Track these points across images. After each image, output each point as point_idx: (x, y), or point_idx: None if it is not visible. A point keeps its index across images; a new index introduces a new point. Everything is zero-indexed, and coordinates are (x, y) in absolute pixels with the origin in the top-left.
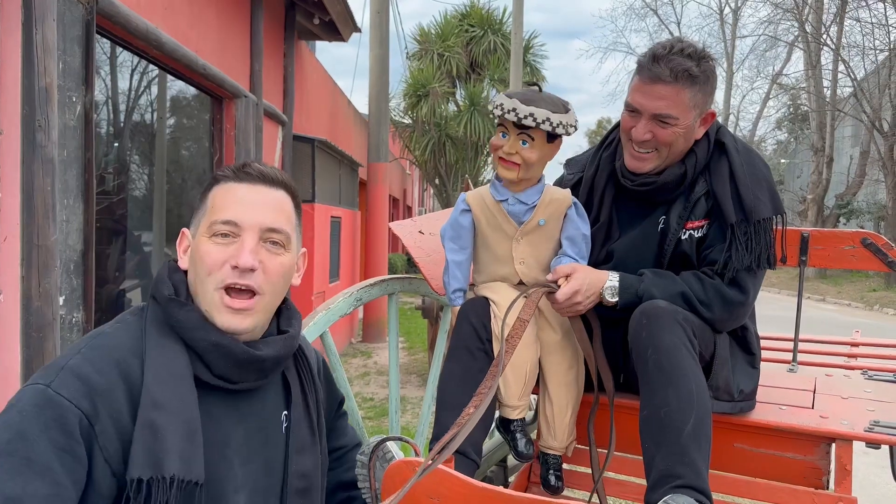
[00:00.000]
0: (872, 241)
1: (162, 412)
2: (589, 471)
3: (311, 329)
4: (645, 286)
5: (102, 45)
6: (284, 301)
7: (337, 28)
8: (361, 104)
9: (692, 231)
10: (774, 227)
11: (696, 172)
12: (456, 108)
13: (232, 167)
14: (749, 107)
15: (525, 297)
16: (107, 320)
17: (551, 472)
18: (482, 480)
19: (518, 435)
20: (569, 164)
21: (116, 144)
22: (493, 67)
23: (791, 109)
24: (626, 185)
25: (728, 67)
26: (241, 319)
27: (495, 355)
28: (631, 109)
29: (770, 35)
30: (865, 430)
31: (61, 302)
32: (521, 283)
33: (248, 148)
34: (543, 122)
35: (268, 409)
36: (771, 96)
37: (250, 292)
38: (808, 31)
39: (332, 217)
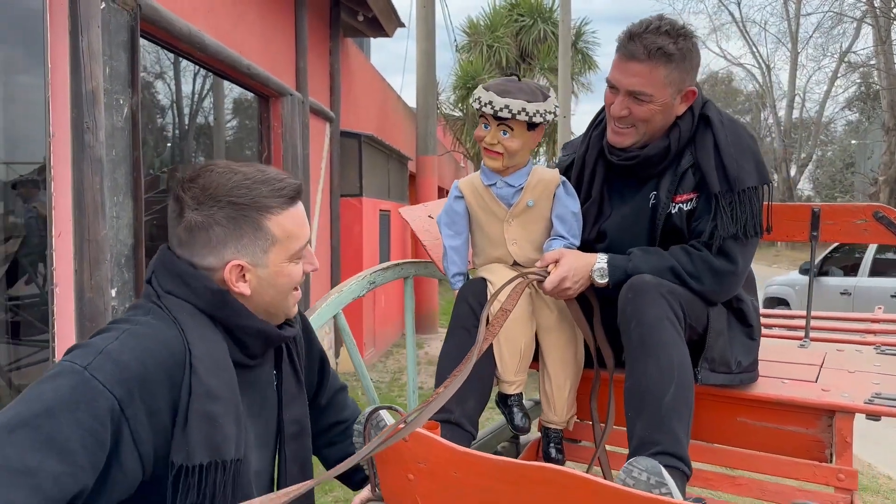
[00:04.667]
0: (885, 214)
1: (217, 402)
2: (589, 444)
3: (324, 310)
4: (634, 264)
5: (157, 52)
6: None
7: (381, 24)
8: (414, 99)
9: (681, 204)
10: (761, 197)
11: (680, 146)
12: None
13: (270, 191)
14: (815, 87)
15: (520, 278)
16: None
17: (552, 445)
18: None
19: (515, 409)
20: (565, 146)
21: (170, 145)
22: (544, 56)
23: (862, 88)
24: (613, 160)
25: (792, 47)
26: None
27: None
28: (610, 86)
29: (836, 11)
30: (865, 403)
31: (113, 294)
32: (515, 263)
33: (295, 145)
34: (519, 112)
35: (264, 376)
36: (839, 75)
37: None
38: (876, 5)
39: (380, 210)
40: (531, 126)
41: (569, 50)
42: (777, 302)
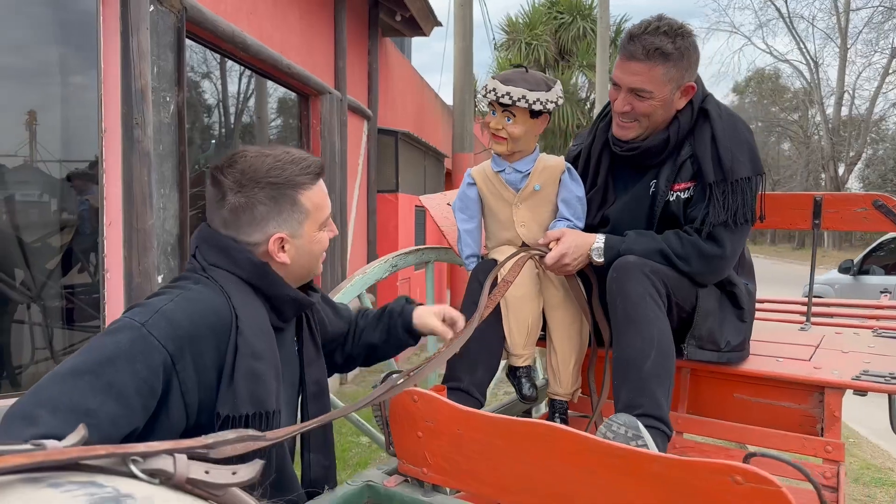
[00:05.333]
0: (884, 202)
1: (261, 361)
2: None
3: (349, 290)
4: (626, 245)
5: (203, 52)
6: None
7: (418, 23)
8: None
9: (679, 193)
10: (755, 187)
11: (679, 138)
12: None
13: (300, 170)
14: (865, 84)
15: (521, 255)
16: None
17: (557, 415)
18: None
19: (523, 380)
20: (576, 137)
21: (214, 142)
22: (583, 53)
23: None
24: (617, 151)
25: (841, 43)
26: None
27: (500, 308)
28: (613, 83)
29: (886, 6)
30: (854, 379)
31: (159, 280)
32: (524, 244)
33: (333, 142)
34: (520, 99)
35: (288, 340)
36: (890, 71)
37: None
38: None
39: (416, 206)
40: (534, 114)
41: (607, 47)
42: None
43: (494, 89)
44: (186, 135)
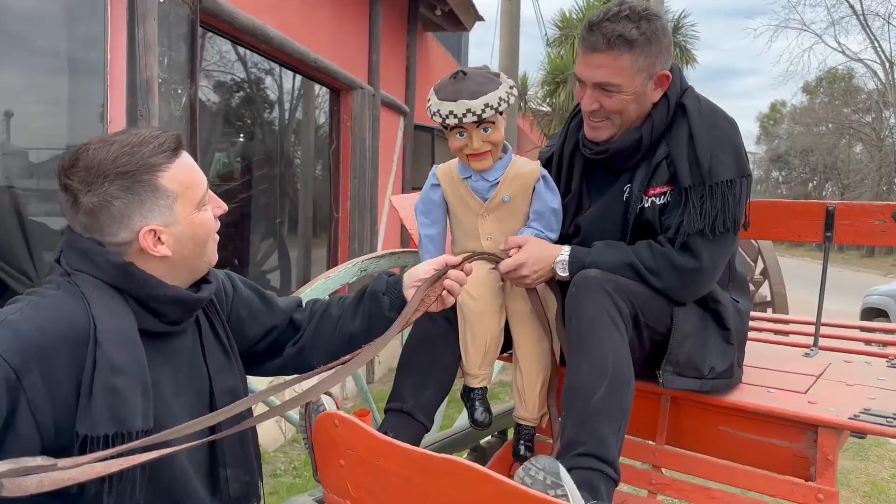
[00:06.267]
0: None
1: (121, 376)
2: None
3: (308, 295)
4: (592, 258)
5: (232, 46)
6: None
7: (458, 18)
8: None
9: (654, 198)
10: (738, 191)
11: (653, 137)
12: None
13: (152, 150)
14: None
15: (475, 258)
16: None
17: (522, 442)
18: (474, 450)
19: (476, 403)
20: (551, 137)
21: (242, 136)
22: None
23: None
24: (586, 154)
25: None
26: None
27: (458, 321)
28: (578, 80)
29: None
30: (850, 418)
31: None
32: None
33: (364, 137)
34: (490, 107)
35: (187, 345)
36: None
37: None
38: None
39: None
40: (501, 112)
41: None
42: (876, 313)
43: (470, 110)
44: (199, 128)
